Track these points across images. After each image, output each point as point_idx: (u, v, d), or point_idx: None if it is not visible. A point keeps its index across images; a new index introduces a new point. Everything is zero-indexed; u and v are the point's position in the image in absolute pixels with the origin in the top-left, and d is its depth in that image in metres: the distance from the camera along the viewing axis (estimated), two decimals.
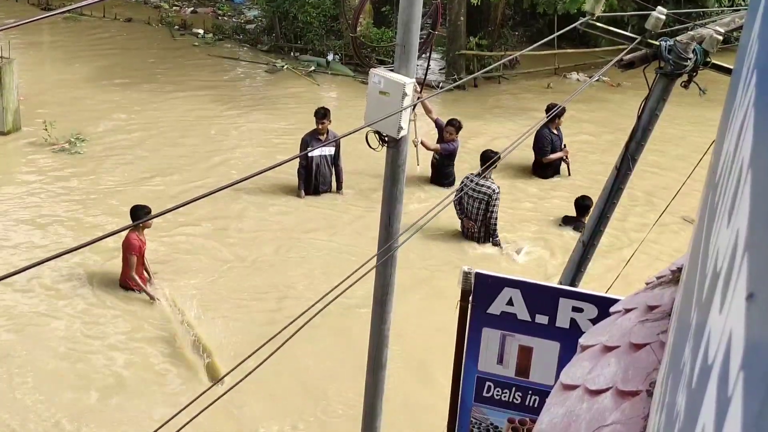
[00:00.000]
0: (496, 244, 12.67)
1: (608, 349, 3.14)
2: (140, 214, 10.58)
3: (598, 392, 2.91)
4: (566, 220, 13.44)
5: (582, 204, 12.94)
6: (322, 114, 13.72)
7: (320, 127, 13.66)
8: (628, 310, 3.38)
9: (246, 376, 4.43)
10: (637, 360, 2.88)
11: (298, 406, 9.33)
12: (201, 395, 4.07)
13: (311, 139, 13.62)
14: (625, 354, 3.00)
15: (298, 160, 13.51)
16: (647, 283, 3.63)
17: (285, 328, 4.49)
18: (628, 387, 2.77)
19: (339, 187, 14.14)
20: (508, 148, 6.58)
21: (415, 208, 12.08)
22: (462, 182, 12.92)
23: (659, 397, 2.28)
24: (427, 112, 14.49)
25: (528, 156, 15.09)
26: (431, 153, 14.21)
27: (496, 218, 12.53)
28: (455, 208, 12.78)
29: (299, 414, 9.24)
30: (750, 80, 1.59)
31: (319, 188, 13.99)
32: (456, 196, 12.52)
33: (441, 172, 14.42)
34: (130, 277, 10.78)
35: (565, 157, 15.16)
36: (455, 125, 14.34)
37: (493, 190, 12.43)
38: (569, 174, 15.16)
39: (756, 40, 1.70)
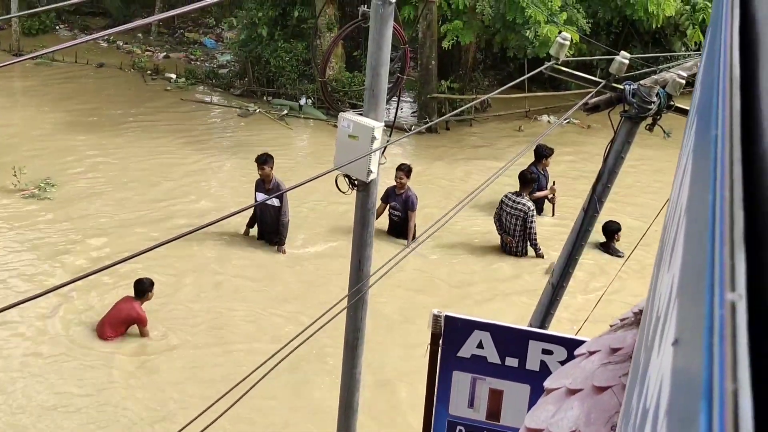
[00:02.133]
0: (540, 255, 13.65)
1: (572, 392, 3.15)
2: (145, 287, 10.88)
3: None
4: (596, 246, 14.02)
5: (609, 229, 13.81)
6: (262, 160, 13.16)
7: (260, 173, 13.20)
8: (591, 353, 3.39)
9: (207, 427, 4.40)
10: (600, 403, 2.89)
11: None
12: None
13: (261, 183, 13.33)
14: (588, 397, 3.01)
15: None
16: (611, 326, 3.65)
17: (247, 376, 4.46)
18: (590, 430, 2.78)
19: (280, 242, 13.36)
20: (487, 181, 6.61)
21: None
22: (501, 200, 13.88)
23: None
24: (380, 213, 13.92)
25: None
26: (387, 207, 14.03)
27: (536, 232, 13.60)
28: (495, 225, 13.97)
29: None
30: (693, 125, 1.62)
31: (264, 236, 13.56)
32: (495, 214, 13.94)
33: (403, 227, 13.96)
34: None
35: (551, 196, 15.22)
36: (405, 170, 13.93)
37: (529, 207, 13.47)
38: (553, 215, 15.22)
39: (699, 84, 1.73)
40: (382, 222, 13.53)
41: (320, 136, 19.39)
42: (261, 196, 13.17)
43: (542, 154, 15.04)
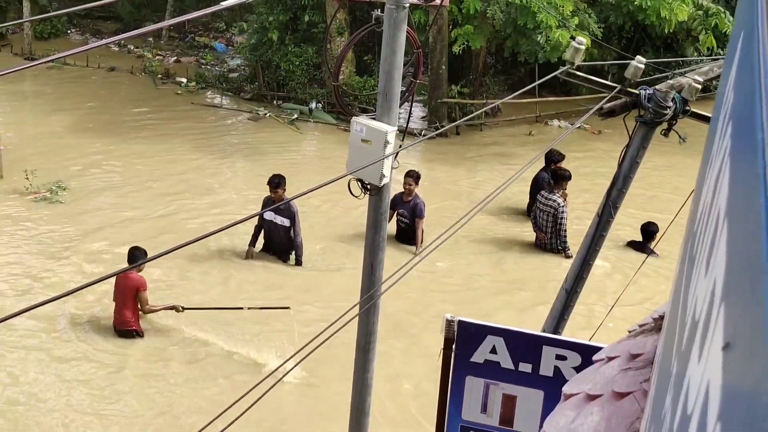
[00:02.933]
0: (569, 256, 13.28)
1: (591, 397, 3.13)
2: (138, 255, 10.72)
3: None
4: (631, 245, 14.18)
5: (647, 230, 13.86)
6: (276, 183, 12.86)
7: (273, 196, 12.85)
8: (611, 359, 3.37)
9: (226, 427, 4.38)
10: (620, 409, 2.87)
11: None
12: None
13: (269, 202, 12.95)
14: (608, 403, 2.98)
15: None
16: (630, 331, 3.63)
17: (262, 380, 4.45)
18: None
19: (297, 262, 13.08)
20: (499, 188, 6.60)
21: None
22: (536, 198, 14.19)
23: None
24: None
25: (522, 199, 15.37)
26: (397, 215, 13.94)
27: (566, 230, 13.75)
28: (532, 223, 14.24)
29: None
30: (726, 130, 1.60)
31: (269, 251, 13.26)
32: (531, 212, 14.34)
33: (409, 233, 13.82)
34: (148, 311, 11.05)
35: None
36: (413, 176, 13.78)
37: (559, 204, 13.65)
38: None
39: (731, 90, 1.71)
40: (390, 229, 13.48)
41: (330, 140, 19.40)
42: (270, 214, 12.93)
43: (552, 159, 14.98)
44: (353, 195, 6.78)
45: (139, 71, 23.71)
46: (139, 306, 10.92)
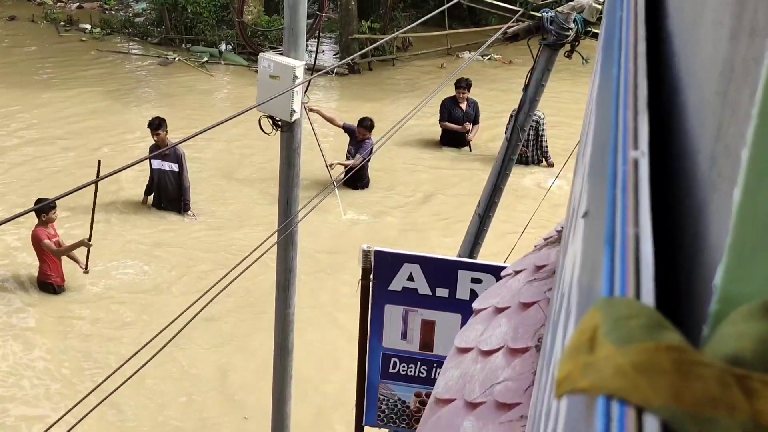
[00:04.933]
0: (551, 164, 14.50)
1: (499, 310, 3.21)
2: (42, 209, 10.40)
3: (490, 352, 2.97)
4: None
5: None
6: (156, 125, 12.35)
7: (156, 139, 12.39)
8: (517, 272, 3.45)
9: (129, 378, 4.38)
10: (526, 318, 2.95)
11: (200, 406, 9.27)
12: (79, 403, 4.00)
13: (154, 149, 12.48)
14: (515, 314, 3.06)
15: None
16: (535, 246, 3.71)
17: (173, 321, 4.44)
18: (517, 344, 2.83)
19: (185, 208, 12.66)
20: (407, 116, 6.66)
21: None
22: (511, 114, 14.18)
23: (545, 351, 2.34)
24: (330, 121, 14.09)
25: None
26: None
27: (546, 141, 14.60)
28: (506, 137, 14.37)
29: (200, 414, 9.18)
30: (604, 22, 1.64)
31: (161, 205, 12.76)
32: (507, 127, 13.70)
33: (354, 174, 13.38)
34: (61, 254, 10.75)
35: (467, 133, 15.37)
36: (366, 125, 13.77)
37: (540, 117, 14.14)
38: (470, 149, 15.46)
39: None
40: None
41: (241, 82, 19.13)
42: (156, 162, 12.48)
43: (461, 86, 15.16)
44: (264, 132, 6.76)
45: (40, 19, 22.93)
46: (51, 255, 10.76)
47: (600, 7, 6.46)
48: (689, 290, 0.73)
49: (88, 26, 22.42)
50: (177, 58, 20.47)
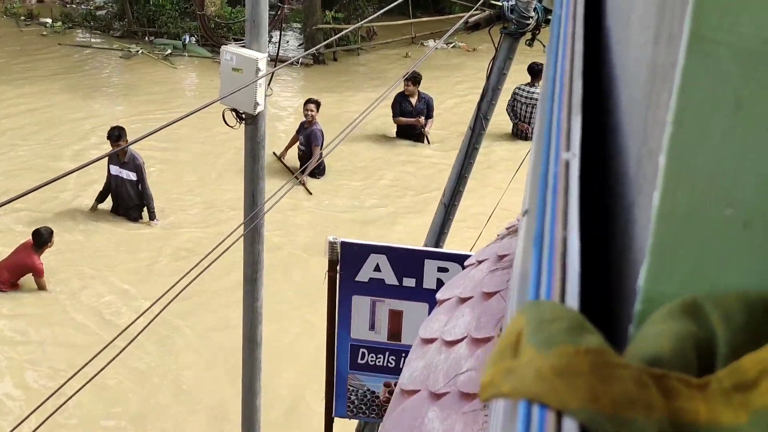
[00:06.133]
0: None
1: (462, 300, 3.23)
2: (44, 237, 10.59)
3: (454, 342, 2.99)
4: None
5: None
6: (116, 137, 11.97)
7: (116, 148, 11.80)
8: (480, 262, 3.47)
9: (99, 372, 4.36)
10: (489, 308, 2.97)
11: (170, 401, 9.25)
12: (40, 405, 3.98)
13: (114, 157, 12.06)
14: (478, 303, 3.08)
15: None
16: (498, 235, 3.74)
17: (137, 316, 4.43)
18: (480, 334, 2.85)
19: (151, 217, 12.31)
20: (369, 108, 6.67)
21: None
22: (513, 92, 15.37)
23: None
24: (292, 144, 14.17)
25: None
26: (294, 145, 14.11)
27: None
28: (508, 115, 15.54)
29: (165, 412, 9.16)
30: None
31: (118, 211, 12.43)
32: (508, 105, 15.43)
33: (306, 161, 13.57)
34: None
35: (422, 127, 15.24)
36: (313, 102, 13.90)
37: (539, 93, 14.41)
38: (429, 143, 15.41)
39: None
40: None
41: (206, 74, 19.00)
42: (115, 169, 12.16)
43: (407, 79, 14.82)
44: (228, 125, 6.74)
45: (0, 14, 22.67)
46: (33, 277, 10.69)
47: None
48: (618, 291, 0.74)
49: (49, 20, 22.17)
50: (140, 51, 20.30)
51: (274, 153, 13.83)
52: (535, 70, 15.19)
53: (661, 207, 0.59)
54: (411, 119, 15.20)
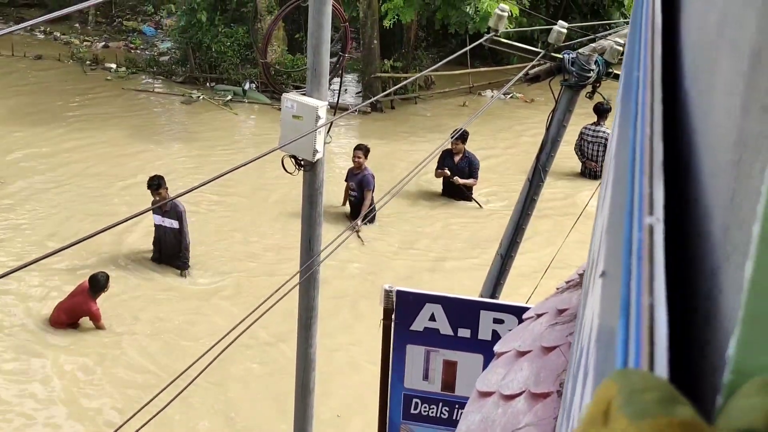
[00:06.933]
0: None
1: (521, 354, 3.20)
2: (101, 282, 10.80)
3: (512, 396, 2.97)
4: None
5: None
6: (156, 185, 12.11)
7: (157, 198, 11.99)
8: (539, 315, 3.44)
9: (164, 408, 4.39)
10: (548, 362, 2.94)
11: None
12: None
13: (157, 208, 12.10)
14: (537, 357, 3.06)
15: None
16: (558, 288, 3.71)
17: (202, 356, 4.46)
18: (539, 389, 2.82)
19: (184, 266, 12.36)
20: (425, 159, 6.71)
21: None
22: (580, 132, 15.90)
23: (566, 397, 2.34)
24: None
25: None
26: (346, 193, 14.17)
27: None
28: (576, 154, 16.01)
29: None
30: (622, 78, 1.66)
31: (164, 260, 12.51)
32: (576, 145, 15.92)
33: (359, 207, 13.71)
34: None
35: (465, 187, 14.74)
36: (362, 149, 13.92)
37: (609, 133, 14.42)
38: (479, 205, 14.93)
39: (627, 44, 1.78)
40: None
41: (265, 120, 19.28)
42: (158, 219, 12.30)
43: (461, 137, 14.61)
44: (287, 171, 6.80)
45: (66, 58, 23.25)
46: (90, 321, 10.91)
47: (621, 48, 6.49)
48: (702, 357, 0.74)
49: (114, 65, 22.71)
50: (201, 97, 20.67)
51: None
52: (600, 110, 15.63)
53: (755, 277, 0.59)
54: (446, 172, 14.62)
